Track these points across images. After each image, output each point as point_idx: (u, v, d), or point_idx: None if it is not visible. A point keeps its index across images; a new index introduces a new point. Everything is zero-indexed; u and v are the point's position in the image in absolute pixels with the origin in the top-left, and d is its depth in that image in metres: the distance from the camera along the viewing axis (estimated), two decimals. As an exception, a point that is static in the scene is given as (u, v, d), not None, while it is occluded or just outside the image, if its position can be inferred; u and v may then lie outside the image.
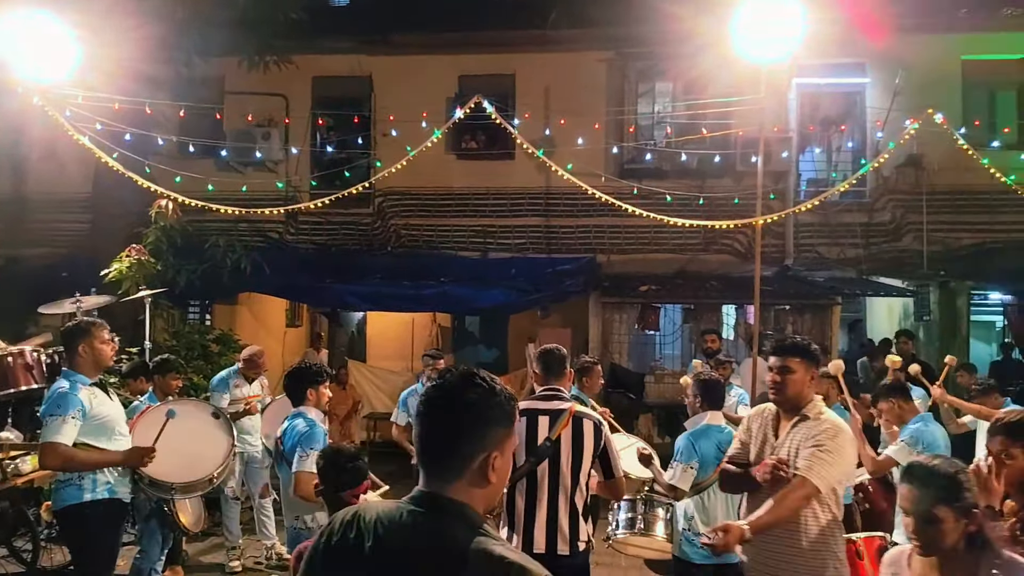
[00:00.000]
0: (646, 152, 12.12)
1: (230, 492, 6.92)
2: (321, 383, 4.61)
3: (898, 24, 11.68)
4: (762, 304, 9.04)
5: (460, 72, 12.57)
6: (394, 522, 1.68)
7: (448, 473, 1.69)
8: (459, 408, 1.71)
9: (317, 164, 12.98)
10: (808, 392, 3.53)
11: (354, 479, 3.50)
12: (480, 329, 14.00)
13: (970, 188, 11.43)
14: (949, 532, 2.44)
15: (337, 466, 3.51)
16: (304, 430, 4.36)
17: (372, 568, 1.64)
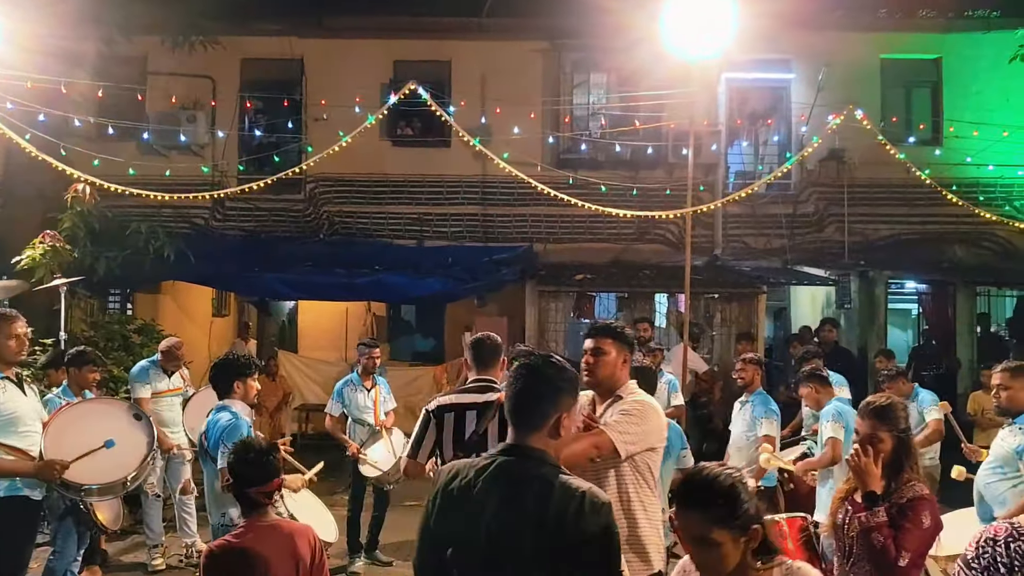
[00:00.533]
0: (582, 142, 12.22)
1: (150, 489, 6.70)
2: (249, 375, 4.49)
3: (821, 22, 12.08)
4: (692, 293, 9.25)
5: (395, 57, 12.40)
6: (492, 467, 2.25)
7: (532, 428, 2.28)
8: (541, 380, 2.31)
9: (245, 148, 12.62)
10: (622, 375, 3.55)
11: (263, 475, 3.34)
12: (416, 318, 13.90)
13: (888, 182, 11.93)
14: (729, 555, 2.15)
15: (244, 462, 3.36)
16: (227, 424, 4.25)
17: (484, 502, 2.19)
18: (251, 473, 3.33)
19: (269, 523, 3.34)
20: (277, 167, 11.10)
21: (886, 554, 3.03)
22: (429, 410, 4.02)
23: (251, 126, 12.73)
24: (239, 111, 12.43)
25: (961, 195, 11.25)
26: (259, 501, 3.33)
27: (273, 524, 3.35)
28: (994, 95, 12.24)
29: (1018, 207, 12.37)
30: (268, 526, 3.32)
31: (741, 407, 6.43)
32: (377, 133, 11.83)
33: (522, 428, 2.30)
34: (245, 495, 3.33)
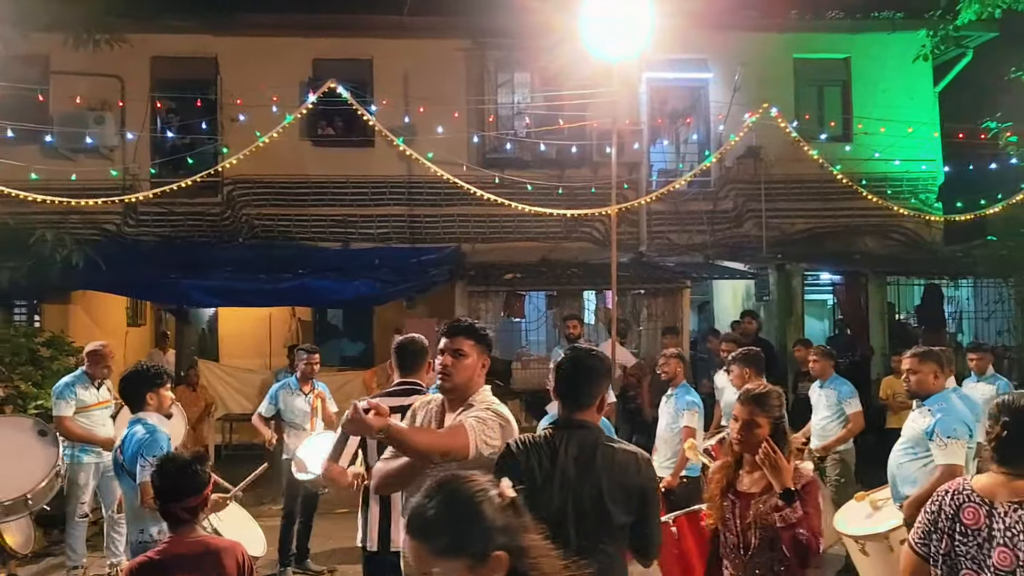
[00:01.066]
0: (507, 142, 12.23)
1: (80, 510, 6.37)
2: (161, 385, 4.35)
3: (736, 22, 12.44)
4: (619, 289, 9.36)
5: (314, 56, 12.13)
6: (555, 437, 2.86)
7: (582, 405, 2.89)
8: (587, 367, 2.91)
9: (158, 151, 12.16)
10: (478, 380, 3.21)
11: (188, 488, 3.20)
12: (344, 322, 13.63)
13: (802, 177, 12.36)
14: None
15: (168, 475, 3.22)
16: (144, 437, 4.11)
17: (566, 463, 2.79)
18: (175, 487, 3.18)
19: (195, 539, 3.19)
20: (192, 169, 10.73)
21: (810, 546, 3.10)
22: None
23: (163, 127, 12.30)
24: (150, 112, 11.98)
25: (871, 189, 11.75)
26: (182, 517, 3.18)
27: (199, 540, 3.20)
28: (900, 93, 12.82)
29: (924, 200, 12.99)
30: (194, 542, 3.17)
31: (667, 400, 6.57)
32: (297, 133, 11.57)
33: (573, 406, 2.89)
34: (168, 510, 3.19)
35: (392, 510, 3.83)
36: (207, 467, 3.34)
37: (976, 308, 13.06)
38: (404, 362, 4.07)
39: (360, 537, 3.94)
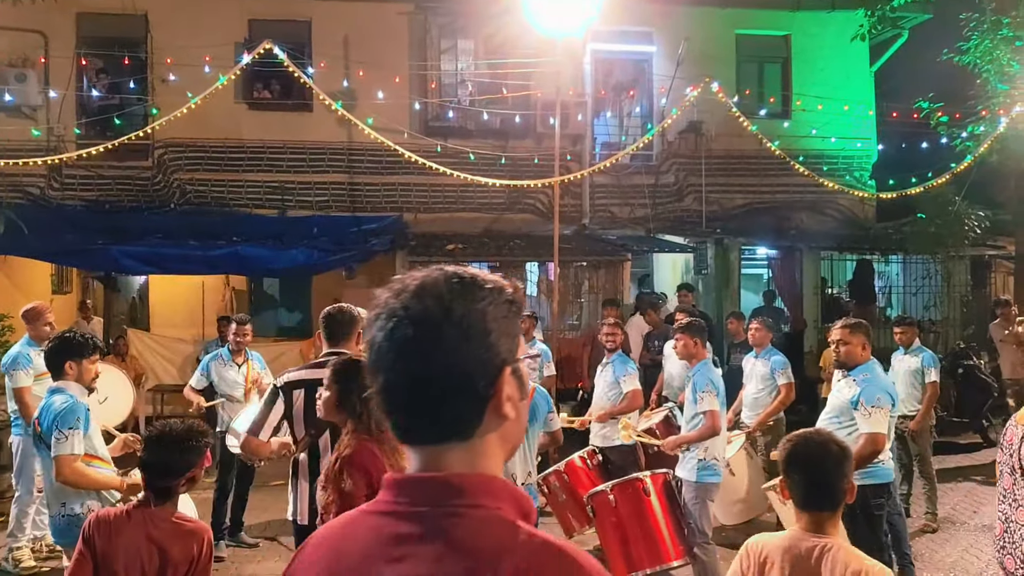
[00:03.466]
0: (449, 110, 12.05)
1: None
2: (85, 357, 4.12)
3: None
4: (561, 261, 9.38)
5: (250, 15, 11.72)
6: None
7: None
8: None
9: (84, 111, 11.66)
10: None
11: (180, 465, 2.94)
12: (280, 292, 13.34)
13: (742, 153, 12.53)
14: None
15: (156, 450, 2.96)
16: (61, 408, 3.93)
17: None
18: (165, 463, 2.93)
19: (174, 518, 2.99)
20: (121, 131, 10.30)
21: None
22: (277, 386, 3.88)
23: (90, 86, 11.76)
24: (76, 70, 11.43)
25: (807, 166, 11.97)
26: (174, 491, 2.97)
27: (178, 519, 3.01)
28: (837, 72, 13.06)
29: (858, 177, 13.32)
30: (172, 521, 2.97)
31: (602, 369, 6.61)
32: (232, 96, 11.20)
33: None
34: (167, 488, 2.95)
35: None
36: (205, 443, 3.04)
37: (905, 283, 13.52)
38: (332, 332, 3.99)
39: (291, 511, 3.89)
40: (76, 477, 3.91)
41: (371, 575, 1.12)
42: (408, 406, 1.16)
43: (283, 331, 12.36)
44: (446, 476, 1.14)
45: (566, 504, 6.01)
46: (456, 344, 1.14)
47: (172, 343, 11.29)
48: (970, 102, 11.45)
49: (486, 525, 1.12)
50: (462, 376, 1.14)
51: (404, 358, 1.14)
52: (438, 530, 1.11)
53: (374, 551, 1.13)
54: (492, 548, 1.09)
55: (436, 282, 1.20)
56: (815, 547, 2.39)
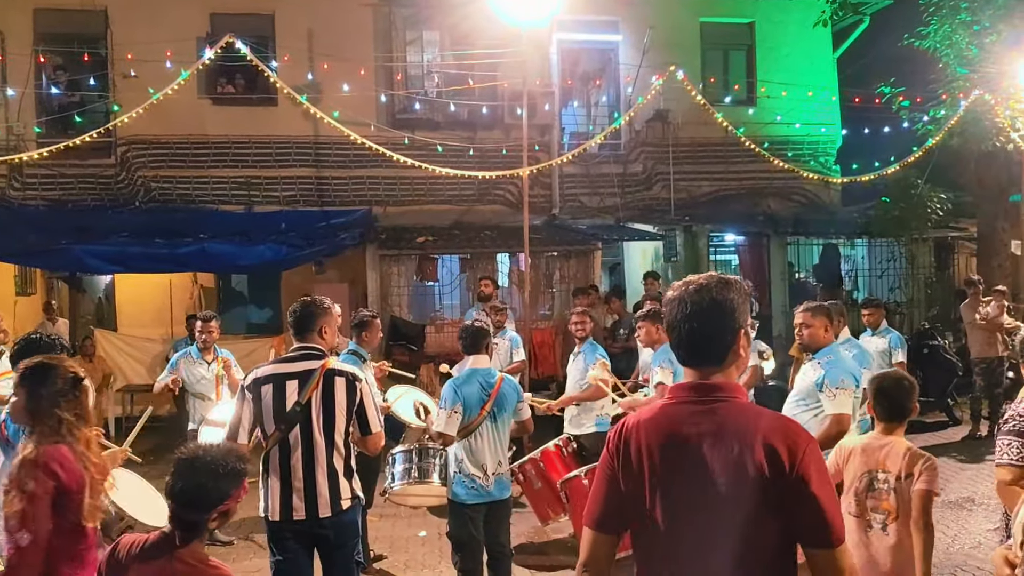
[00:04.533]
0: (416, 102, 12.00)
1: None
2: None
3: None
4: (532, 251, 9.40)
5: (211, 9, 11.58)
6: None
7: None
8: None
9: (44, 109, 11.45)
10: None
11: (213, 496, 2.49)
12: (249, 288, 13.19)
13: (708, 141, 12.63)
14: None
15: (185, 477, 2.50)
16: None
17: None
18: (195, 492, 2.47)
19: (207, 561, 2.54)
20: (82, 129, 10.13)
21: None
22: (244, 386, 3.85)
23: (49, 84, 11.55)
24: (34, 67, 11.22)
25: (773, 152, 12.09)
26: (203, 527, 2.54)
27: (207, 564, 2.55)
28: (801, 58, 13.19)
29: (823, 163, 13.49)
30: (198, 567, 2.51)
31: (574, 358, 6.65)
32: (195, 91, 11.06)
33: None
34: (178, 516, 2.51)
35: (293, 479, 3.77)
36: (243, 468, 2.58)
37: (870, 266, 13.72)
38: (298, 326, 3.98)
39: (262, 507, 3.87)
40: None
41: (682, 431, 2.03)
42: (695, 347, 2.09)
43: (253, 328, 12.25)
44: (715, 382, 2.07)
45: (541, 492, 6.04)
46: (722, 315, 2.07)
47: (140, 343, 11.14)
48: (931, 86, 11.63)
49: (741, 407, 2.05)
50: (723, 332, 2.06)
51: (694, 322, 2.06)
52: (716, 408, 2.03)
53: (683, 418, 2.04)
54: (748, 418, 2.02)
55: (710, 281, 2.10)
56: (883, 444, 3.57)
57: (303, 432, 3.78)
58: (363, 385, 3.94)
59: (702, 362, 2.08)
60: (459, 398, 4.59)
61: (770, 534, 1.94)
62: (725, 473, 1.95)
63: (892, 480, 3.49)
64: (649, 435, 2.06)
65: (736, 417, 2.00)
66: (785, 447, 1.92)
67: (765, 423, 1.98)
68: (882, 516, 3.52)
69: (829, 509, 1.94)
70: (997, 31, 10.77)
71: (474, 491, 4.62)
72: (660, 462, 2.03)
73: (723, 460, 1.96)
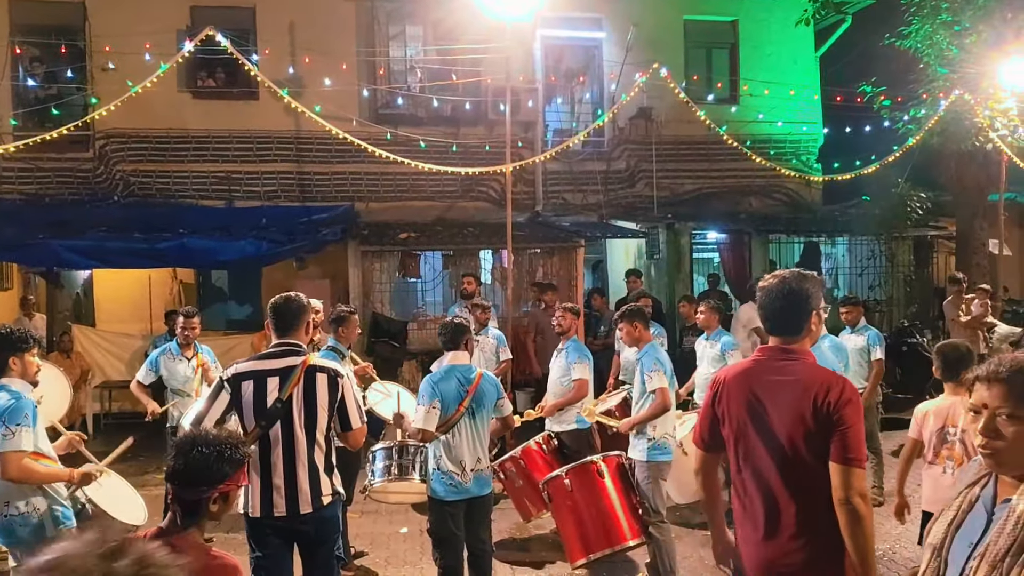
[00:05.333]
0: (399, 97, 11.93)
1: None
2: (26, 350, 4.06)
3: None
4: (515, 248, 9.37)
5: (191, 2, 11.48)
6: None
7: None
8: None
9: (21, 101, 11.28)
10: None
11: (207, 475, 2.49)
12: (229, 284, 13.08)
13: (691, 139, 12.67)
14: None
15: (182, 454, 2.51)
16: (7, 404, 3.84)
17: None
18: (187, 470, 2.49)
19: (191, 544, 2.46)
20: (59, 122, 9.99)
21: None
22: (223, 378, 3.83)
23: (26, 76, 11.39)
24: (10, 59, 11.06)
25: (755, 150, 12.14)
26: (189, 508, 2.50)
27: (196, 547, 2.48)
28: (783, 57, 13.27)
29: (804, 161, 13.57)
30: (187, 546, 2.39)
31: (557, 355, 6.62)
32: (175, 84, 10.96)
33: None
34: (177, 496, 2.50)
35: (273, 476, 3.75)
36: (243, 453, 2.63)
37: (851, 264, 13.81)
38: (280, 322, 3.95)
39: (242, 504, 3.84)
40: (24, 474, 3.84)
41: (766, 377, 2.92)
42: (780, 322, 2.95)
43: (233, 324, 12.15)
44: (792, 348, 2.93)
45: (523, 489, 6.03)
46: (801, 299, 2.92)
47: (119, 338, 11.01)
48: (911, 86, 11.72)
49: (812, 366, 2.93)
50: (802, 312, 2.91)
51: (781, 302, 2.93)
52: (793, 365, 2.89)
53: (768, 370, 2.94)
54: (812, 372, 2.88)
55: (792, 274, 2.96)
56: (950, 404, 4.36)
57: (284, 428, 3.75)
58: (344, 381, 3.93)
59: (784, 333, 2.95)
60: (437, 394, 4.57)
61: (816, 451, 2.79)
62: (792, 406, 2.82)
63: (959, 432, 4.30)
64: (740, 380, 2.99)
65: (804, 371, 2.88)
66: (834, 392, 2.79)
67: (823, 376, 2.87)
68: (952, 462, 4.34)
69: (856, 439, 2.76)
70: (977, 31, 10.88)
71: (453, 488, 4.61)
72: (748, 398, 2.94)
73: (792, 397, 2.83)
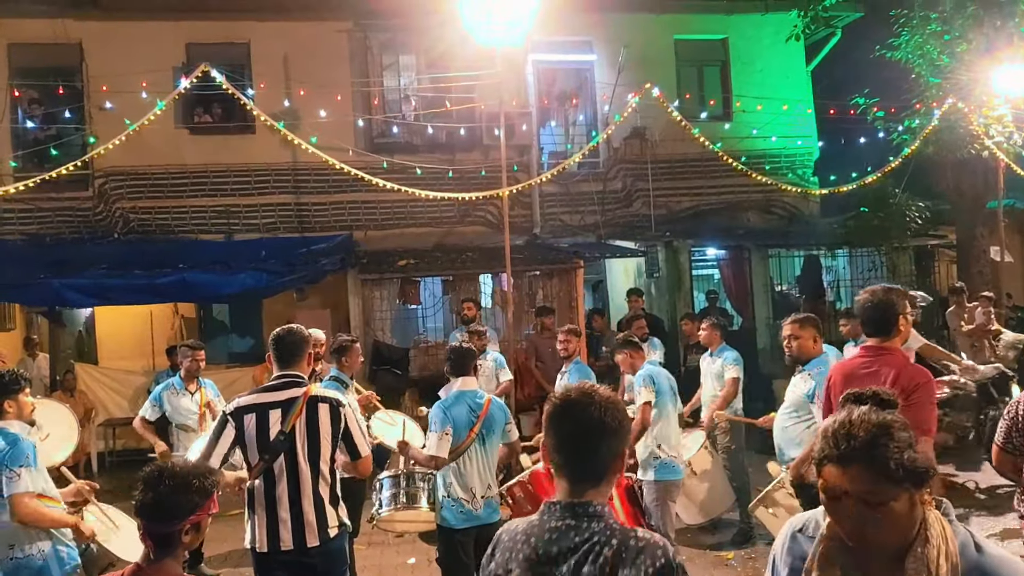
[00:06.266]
0: (394, 126, 12.02)
1: None
2: (18, 391, 4.05)
3: (618, 4, 12.62)
4: (514, 271, 9.39)
5: (187, 39, 11.59)
6: None
7: None
8: None
9: (20, 143, 11.38)
10: None
11: (176, 507, 2.45)
12: (231, 317, 13.10)
13: (686, 156, 12.72)
14: None
15: (151, 487, 2.47)
16: (6, 448, 3.84)
17: None
18: (157, 503, 2.44)
19: None
20: (58, 162, 10.06)
21: None
22: (226, 413, 3.81)
23: (24, 118, 11.50)
24: (9, 101, 11.18)
25: (751, 166, 12.18)
26: (161, 542, 2.45)
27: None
28: (775, 72, 13.35)
29: (801, 175, 13.60)
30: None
31: (561, 377, 6.61)
32: (172, 121, 11.06)
33: None
34: (148, 530, 2.45)
35: (279, 509, 3.72)
36: (212, 481, 2.59)
37: (852, 276, 13.79)
38: (281, 354, 3.93)
39: (248, 539, 3.82)
40: (33, 516, 3.83)
41: (857, 373, 3.62)
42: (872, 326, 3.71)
43: (235, 357, 12.14)
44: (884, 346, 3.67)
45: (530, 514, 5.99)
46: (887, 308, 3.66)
47: (122, 375, 11.00)
48: (904, 96, 11.77)
49: (895, 359, 3.64)
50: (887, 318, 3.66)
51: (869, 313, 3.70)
52: (882, 359, 3.64)
53: (862, 363, 3.70)
54: (898, 364, 3.61)
55: (878, 288, 3.71)
56: None
57: (288, 461, 3.73)
58: (347, 410, 3.91)
59: (876, 335, 3.63)
60: (449, 420, 4.55)
61: None
62: None
63: None
64: (840, 370, 3.80)
65: (892, 364, 3.56)
66: (912, 381, 3.45)
67: (908, 367, 3.59)
68: None
69: (927, 416, 3.39)
70: (968, 40, 10.94)
71: (463, 515, 4.57)
72: (846, 383, 3.42)
73: (879, 383, 3.17)
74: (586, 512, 1.83)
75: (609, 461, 1.88)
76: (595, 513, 1.83)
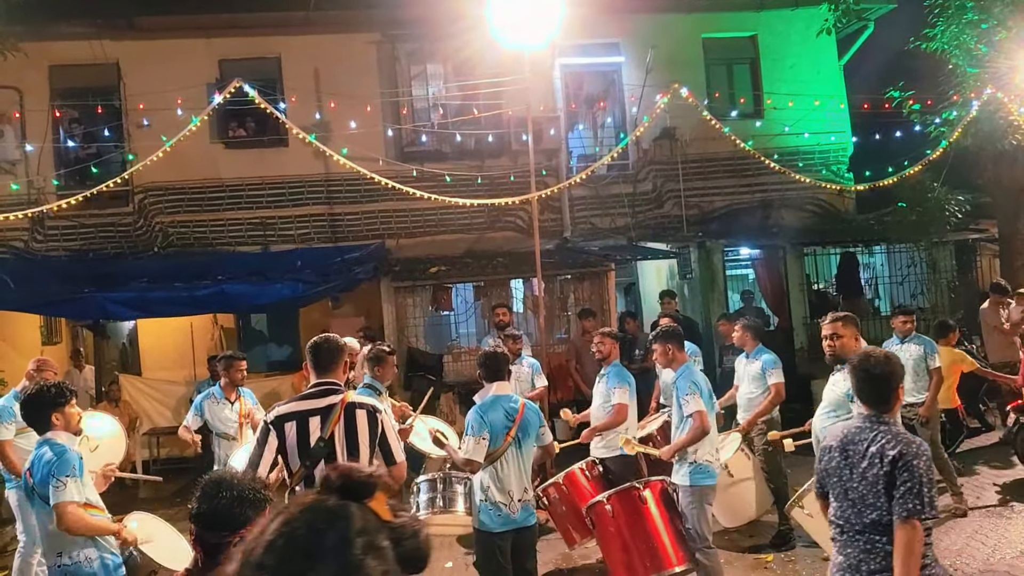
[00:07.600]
0: (423, 134, 12.12)
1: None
2: (65, 403, 4.19)
3: (645, 5, 12.58)
4: (545, 275, 9.40)
5: (220, 56, 11.82)
6: None
7: None
8: None
9: (62, 162, 11.71)
10: None
11: (228, 520, 2.47)
12: (268, 327, 13.32)
13: (717, 156, 12.61)
14: None
15: (207, 498, 2.49)
16: (53, 458, 3.98)
17: None
18: (212, 514, 2.47)
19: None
20: (99, 179, 10.34)
21: None
22: (267, 421, 3.88)
23: (66, 137, 11.82)
24: (51, 122, 11.51)
25: (783, 163, 12.03)
26: (211, 551, 2.49)
27: None
28: (806, 68, 13.17)
29: (835, 171, 13.39)
30: None
31: (599, 380, 6.58)
32: (207, 136, 11.29)
33: None
34: (200, 537, 2.50)
35: None
36: (266, 496, 2.57)
37: (891, 273, 13.51)
38: (319, 362, 4.00)
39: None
40: (79, 524, 3.95)
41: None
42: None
43: (273, 365, 12.34)
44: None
45: (567, 516, 6.01)
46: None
47: (164, 386, 11.25)
48: (941, 88, 11.50)
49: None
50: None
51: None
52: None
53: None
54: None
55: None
56: None
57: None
58: (383, 416, 3.99)
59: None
60: (486, 424, 4.58)
61: None
62: None
63: None
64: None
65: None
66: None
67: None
68: None
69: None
70: (1007, 27, 10.65)
71: (501, 519, 4.60)
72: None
73: None
74: (879, 420, 3.24)
75: (891, 395, 3.30)
76: (883, 422, 3.24)
